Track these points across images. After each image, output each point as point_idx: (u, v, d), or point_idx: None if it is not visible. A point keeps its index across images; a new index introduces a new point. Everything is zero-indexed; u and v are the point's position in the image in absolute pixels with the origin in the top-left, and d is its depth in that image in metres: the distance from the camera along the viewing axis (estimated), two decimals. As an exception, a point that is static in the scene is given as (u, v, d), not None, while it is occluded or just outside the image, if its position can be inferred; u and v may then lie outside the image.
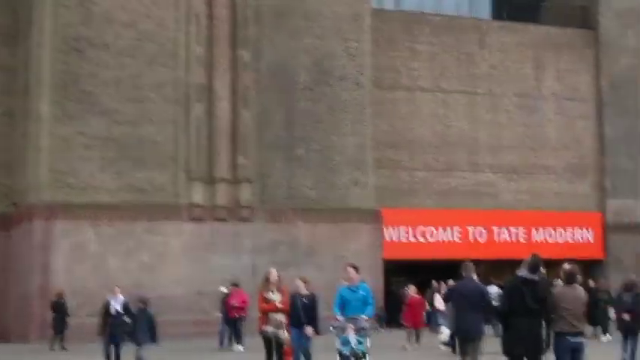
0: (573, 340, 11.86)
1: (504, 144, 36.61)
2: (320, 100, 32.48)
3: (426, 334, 26.25)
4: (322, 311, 16.68)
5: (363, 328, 14.93)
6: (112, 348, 19.78)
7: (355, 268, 15.24)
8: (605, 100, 38.19)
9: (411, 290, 26.08)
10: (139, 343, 19.33)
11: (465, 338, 14.96)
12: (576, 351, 12.02)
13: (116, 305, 19.94)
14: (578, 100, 38.04)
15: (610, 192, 37.85)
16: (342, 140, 32.66)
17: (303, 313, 16.26)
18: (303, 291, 16.61)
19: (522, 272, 12.02)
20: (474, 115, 36.44)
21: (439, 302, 27.79)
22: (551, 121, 37.62)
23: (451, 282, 20.82)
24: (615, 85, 38.21)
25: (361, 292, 15.04)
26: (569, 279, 12.19)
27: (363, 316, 14.92)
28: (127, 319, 19.71)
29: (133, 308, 19.84)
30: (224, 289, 25.81)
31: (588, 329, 23.11)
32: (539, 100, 37.53)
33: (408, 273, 33.39)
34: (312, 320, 16.40)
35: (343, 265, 16.20)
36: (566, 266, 12.43)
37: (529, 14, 39.55)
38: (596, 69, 38.22)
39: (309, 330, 16.28)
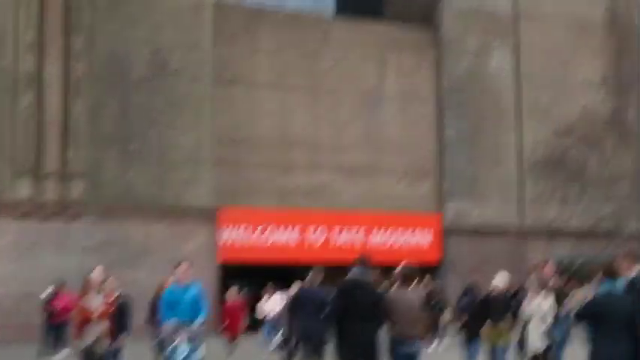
0: (408, 346, 11.30)
1: (345, 143, 36.02)
2: (157, 93, 31.18)
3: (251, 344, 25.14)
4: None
5: (195, 335, 13.74)
6: None
7: (185, 265, 13.91)
8: (446, 102, 38.03)
9: (231, 293, 24.88)
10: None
11: (308, 344, 14.95)
12: (411, 357, 11.49)
13: None
14: (419, 100, 37.76)
15: (448, 194, 37.83)
16: (180, 136, 31.51)
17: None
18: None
19: (354, 274, 11.37)
20: (316, 113, 35.75)
21: (270, 308, 26.01)
22: (392, 121, 37.21)
23: (294, 287, 19.77)
24: (456, 86, 38.13)
25: (192, 293, 13.70)
26: (403, 281, 11.61)
27: (197, 321, 13.73)
28: None
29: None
30: (48, 291, 24.33)
31: (428, 334, 23.01)
32: (382, 99, 37.08)
33: (249, 277, 32.30)
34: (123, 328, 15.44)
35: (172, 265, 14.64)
36: (401, 268, 11.85)
37: (373, 9, 39.27)
38: (437, 69, 38.00)
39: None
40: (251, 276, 31.50)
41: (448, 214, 37.52)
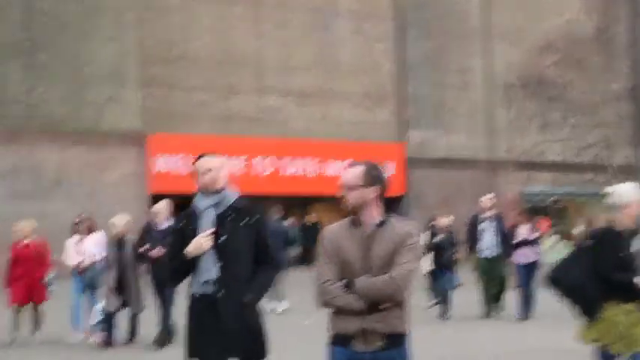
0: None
1: (294, 65, 31.93)
2: (68, -5, 27.04)
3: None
4: None
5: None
6: None
7: None
8: (408, 20, 34.11)
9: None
10: None
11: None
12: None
13: None
14: (377, 17, 33.74)
15: (411, 122, 33.97)
16: (97, 48, 27.27)
17: None
18: None
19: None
20: (261, 31, 31.54)
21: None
22: (347, 41, 33.20)
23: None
24: (418, 2, 34.20)
25: None
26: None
27: None
28: None
29: None
30: None
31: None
32: (334, 17, 32.97)
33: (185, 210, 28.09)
34: None
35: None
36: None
37: None
38: (398, -16, 34.00)
39: None
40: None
41: (411, 143, 33.68)
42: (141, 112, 28.19)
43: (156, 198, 27.10)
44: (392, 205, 30.60)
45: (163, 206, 13.40)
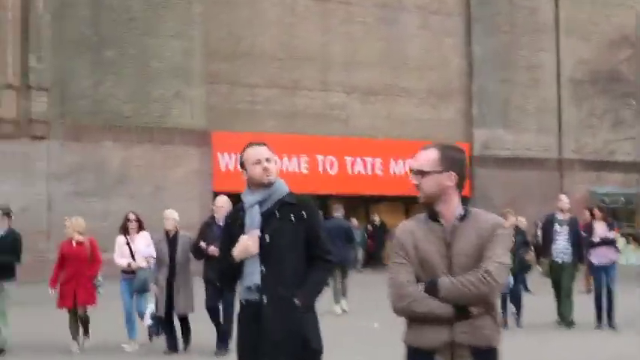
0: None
1: (360, 60, 31.36)
2: (135, -9, 26.82)
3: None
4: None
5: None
6: None
7: None
8: (475, 16, 33.38)
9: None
10: None
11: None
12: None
13: None
14: (445, 13, 33.11)
15: (478, 120, 33.26)
16: (163, 43, 26.94)
17: None
18: None
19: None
20: (326, 26, 31.05)
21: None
22: (414, 37, 32.57)
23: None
24: (486, -2, 33.58)
25: None
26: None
27: None
28: None
29: None
30: None
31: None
32: (401, 12, 32.33)
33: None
34: None
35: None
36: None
37: None
38: (465, -21, 33.32)
39: None
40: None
41: (477, 143, 32.92)
42: (205, 108, 27.83)
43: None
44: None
45: (225, 200, 12.64)
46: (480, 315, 4.20)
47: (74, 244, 12.68)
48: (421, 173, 4.38)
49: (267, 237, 5.43)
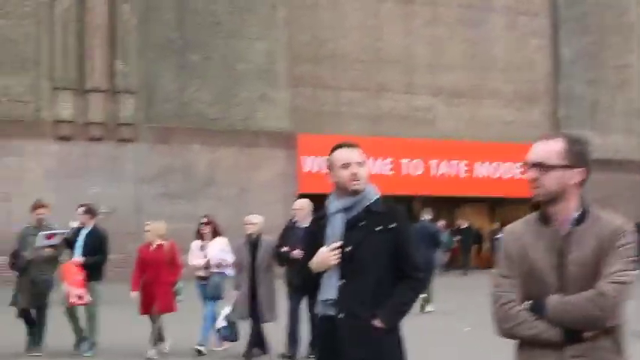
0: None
1: (445, 62, 31.14)
2: (219, -6, 27.01)
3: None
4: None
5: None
6: None
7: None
8: (563, 16, 32.90)
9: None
10: None
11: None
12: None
13: None
14: (531, 14, 32.71)
15: (564, 122, 32.71)
16: (247, 46, 27.07)
17: None
18: None
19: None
20: (411, 28, 30.89)
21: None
22: (500, 38, 32.25)
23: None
24: (575, -2, 33.10)
25: None
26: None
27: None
28: None
29: None
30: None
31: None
32: (487, 13, 32.03)
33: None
34: None
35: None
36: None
37: None
38: (553, -21, 32.86)
39: None
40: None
41: (564, 145, 32.31)
42: (290, 111, 27.88)
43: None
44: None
45: (304, 202, 12.27)
46: (595, 338, 3.63)
47: (152, 247, 12.51)
48: (542, 167, 3.75)
49: (348, 248, 5.02)
